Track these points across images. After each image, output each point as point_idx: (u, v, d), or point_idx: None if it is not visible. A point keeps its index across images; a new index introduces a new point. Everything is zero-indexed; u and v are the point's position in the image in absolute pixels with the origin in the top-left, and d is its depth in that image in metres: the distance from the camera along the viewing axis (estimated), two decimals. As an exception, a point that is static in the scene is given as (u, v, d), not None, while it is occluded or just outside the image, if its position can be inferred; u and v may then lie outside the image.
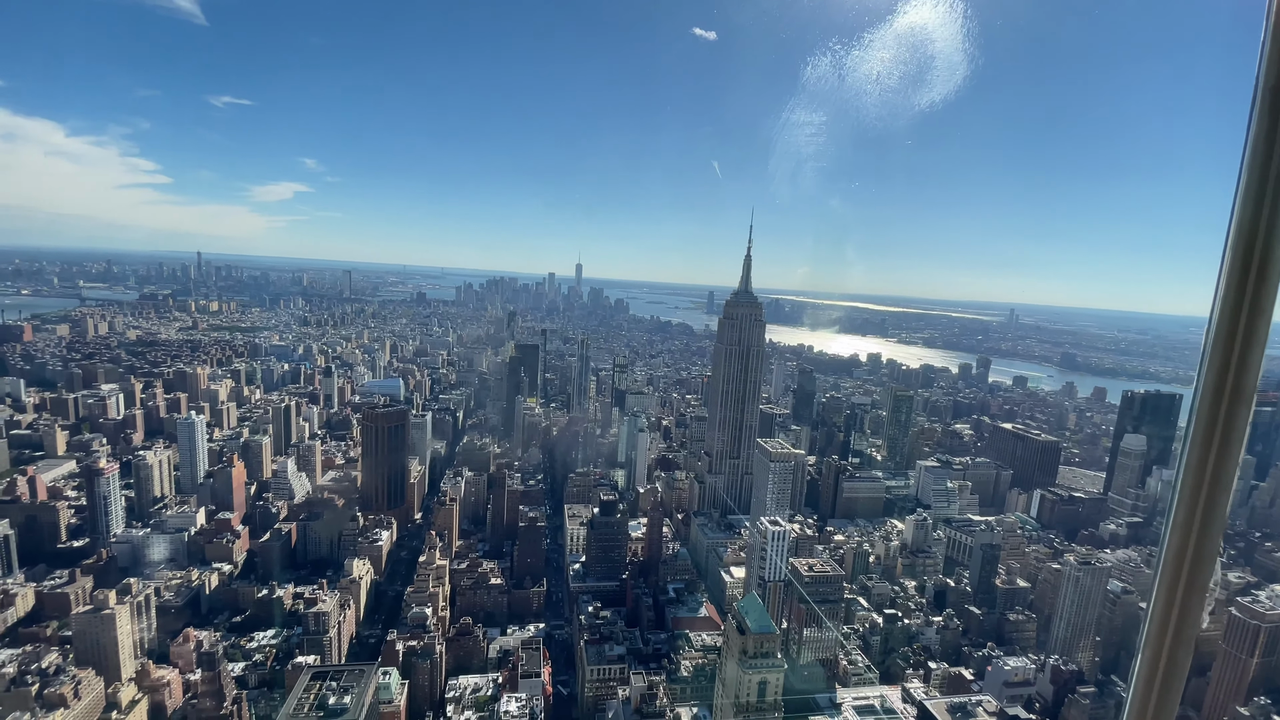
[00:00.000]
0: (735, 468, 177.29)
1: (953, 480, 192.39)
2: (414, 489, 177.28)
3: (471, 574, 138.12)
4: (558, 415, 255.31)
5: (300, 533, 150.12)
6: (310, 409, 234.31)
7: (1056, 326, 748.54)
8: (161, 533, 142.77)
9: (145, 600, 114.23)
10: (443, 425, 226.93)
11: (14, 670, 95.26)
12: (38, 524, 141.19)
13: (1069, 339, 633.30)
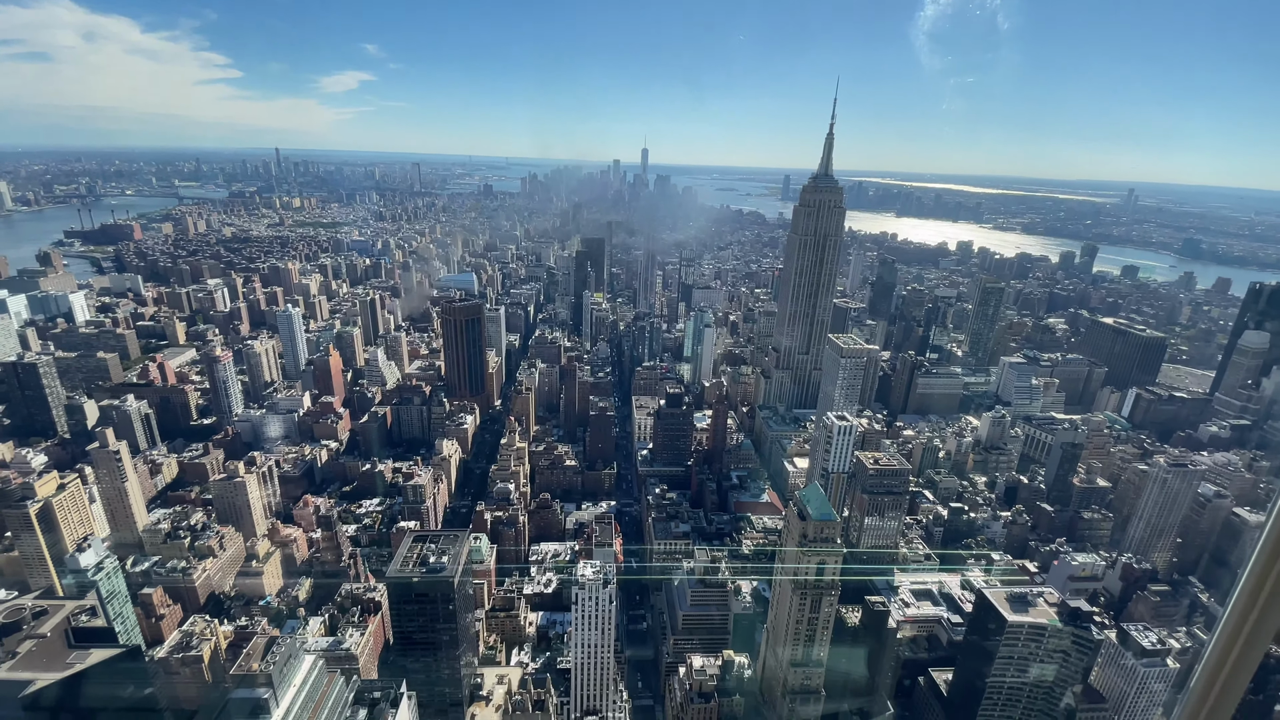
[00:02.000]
0: (804, 364, 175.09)
1: (1038, 377, 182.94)
2: (492, 379, 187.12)
3: (548, 456, 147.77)
4: (624, 310, 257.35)
5: (395, 415, 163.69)
6: (393, 302, 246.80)
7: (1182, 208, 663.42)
8: (275, 413, 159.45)
9: (268, 470, 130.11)
10: (515, 319, 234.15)
11: (169, 526, 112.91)
12: (171, 404, 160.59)
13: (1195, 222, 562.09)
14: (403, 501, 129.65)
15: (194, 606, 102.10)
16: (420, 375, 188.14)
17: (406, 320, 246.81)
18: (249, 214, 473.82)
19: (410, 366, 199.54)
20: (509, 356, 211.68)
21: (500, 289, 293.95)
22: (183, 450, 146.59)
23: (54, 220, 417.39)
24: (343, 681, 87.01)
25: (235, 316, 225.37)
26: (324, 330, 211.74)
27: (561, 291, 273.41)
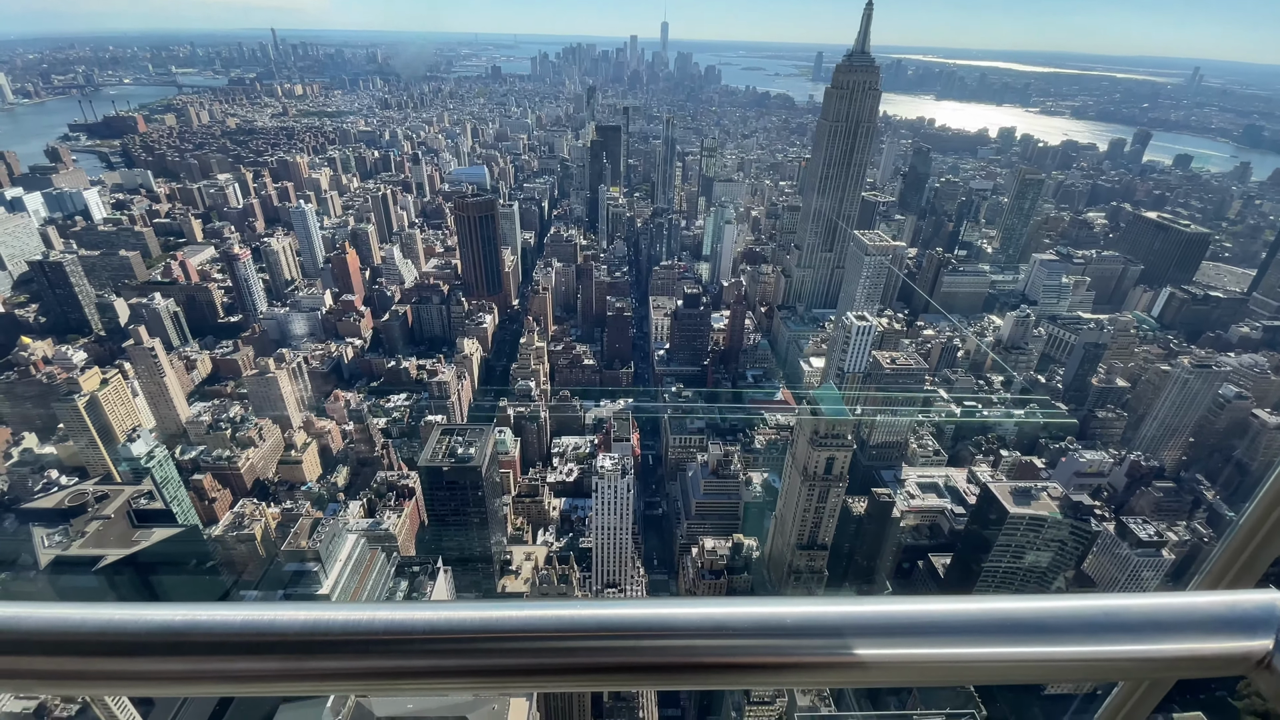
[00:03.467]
0: (827, 261, 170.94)
1: (1069, 275, 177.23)
2: (509, 278, 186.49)
3: (567, 355, 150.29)
4: (641, 206, 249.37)
5: (415, 314, 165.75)
6: (405, 198, 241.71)
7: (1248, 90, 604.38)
8: (299, 311, 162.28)
9: (298, 366, 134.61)
10: (529, 215, 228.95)
11: (210, 418, 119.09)
12: (197, 303, 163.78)
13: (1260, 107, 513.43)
14: (429, 397, 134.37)
15: (241, 491, 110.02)
16: (437, 274, 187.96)
17: (420, 217, 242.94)
18: (251, 103, 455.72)
19: (427, 265, 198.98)
20: (525, 255, 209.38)
21: (513, 183, 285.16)
22: (214, 347, 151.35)
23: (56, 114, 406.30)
24: (384, 557, 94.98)
25: (249, 213, 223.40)
26: (338, 227, 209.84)
27: (576, 186, 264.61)
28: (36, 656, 1.07)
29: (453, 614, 1.23)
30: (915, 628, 1.70)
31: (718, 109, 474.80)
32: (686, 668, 1.41)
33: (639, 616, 1.35)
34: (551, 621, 1.27)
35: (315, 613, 1.18)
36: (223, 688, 1.12)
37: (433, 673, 1.17)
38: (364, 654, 1.13)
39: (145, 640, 1.08)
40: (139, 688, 1.09)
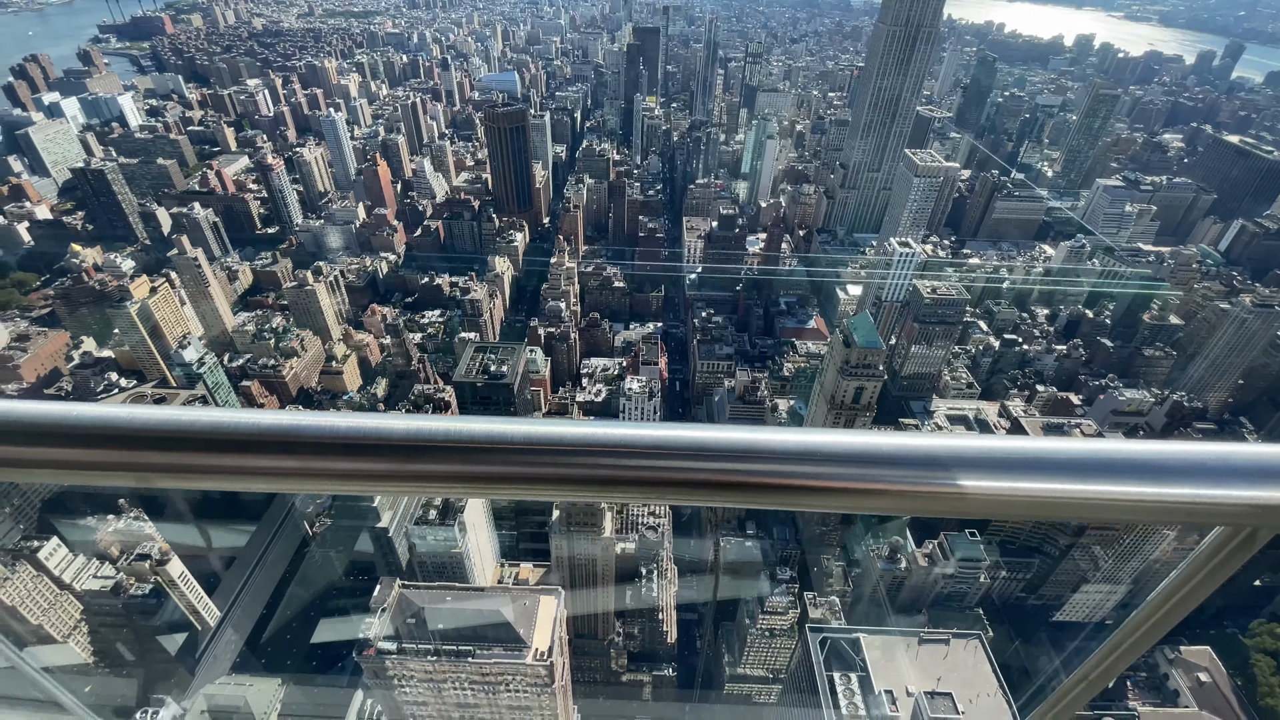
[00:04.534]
0: (873, 182, 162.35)
1: (1134, 204, 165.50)
2: (540, 194, 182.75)
3: (597, 276, 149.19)
4: (679, 118, 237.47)
5: (446, 230, 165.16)
6: (435, 106, 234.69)
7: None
8: (333, 224, 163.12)
9: (335, 280, 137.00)
10: (561, 127, 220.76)
11: (254, 329, 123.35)
12: (235, 213, 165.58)
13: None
14: (462, 314, 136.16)
15: (287, 398, 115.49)
16: (468, 189, 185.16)
17: (450, 127, 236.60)
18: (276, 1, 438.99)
19: (458, 179, 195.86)
20: (556, 170, 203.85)
21: (544, 91, 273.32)
22: (253, 259, 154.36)
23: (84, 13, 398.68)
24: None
25: (280, 122, 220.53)
26: (369, 137, 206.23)
27: (611, 95, 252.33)
28: (156, 451, 1.15)
29: (550, 429, 1.25)
30: (1020, 463, 1.67)
31: (765, 9, 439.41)
32: (782, 489, 1.45)
33: (736, 440, 1.38)
34: (651, 440, 1.29)
35: (417, 423, 1.24)
36: (331, 485, 1.20)
37: (530, 479, 1.23)
38: (464, 459, 1.18)
39: (255, 439, 1.16)
40: (252, 482, 1.18)
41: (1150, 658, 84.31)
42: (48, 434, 1.16)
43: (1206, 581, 2.13)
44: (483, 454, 1.19)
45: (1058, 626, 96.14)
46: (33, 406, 1.22)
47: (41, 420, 1.17)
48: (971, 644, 75.32)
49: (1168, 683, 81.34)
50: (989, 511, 1.77)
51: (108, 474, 1.17)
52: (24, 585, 66.31)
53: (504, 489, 1.25)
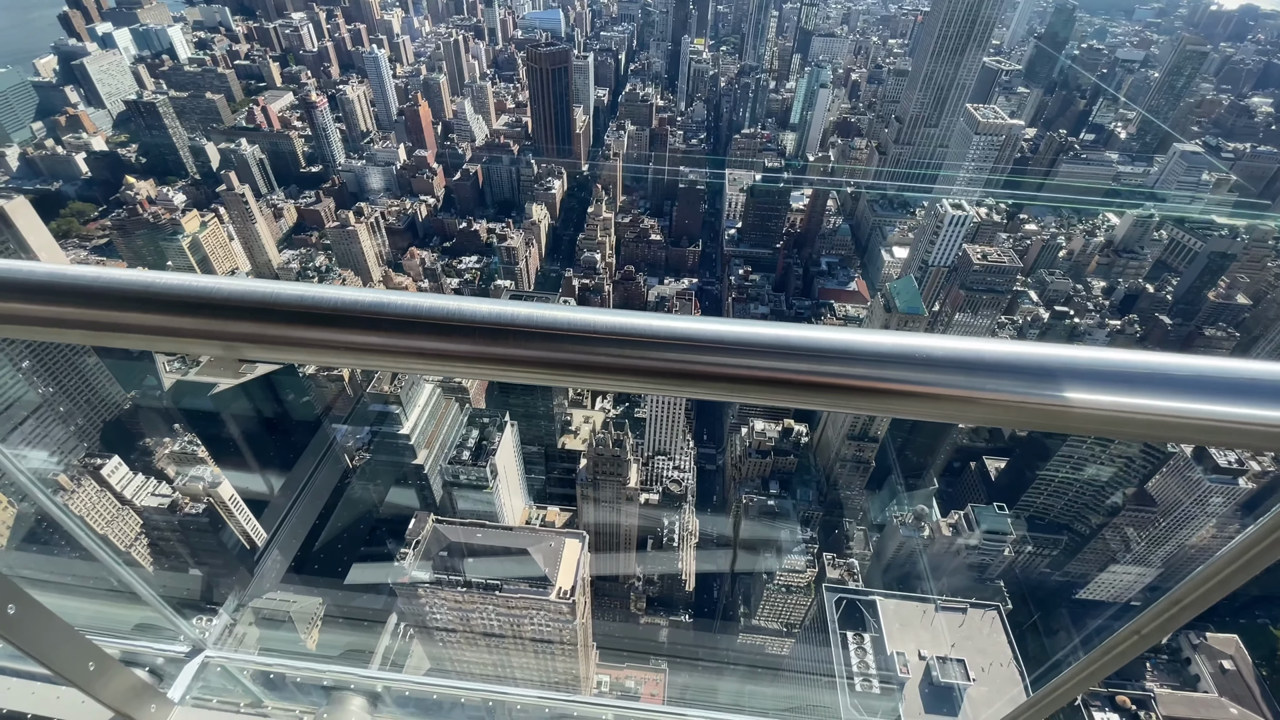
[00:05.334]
0: (929, 138, 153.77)
1: (1212, 172, 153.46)
2: (580, 139, 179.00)
3: (634, 228, 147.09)
4: (728, 62, 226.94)
5: (485, 174, 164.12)
6: (477, 45, 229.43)
7: None
8: (374, 164, 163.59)
9: (376, 221, 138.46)
10: (604, 70, 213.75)
11: (298, 266, 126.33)
12: (280, 151, 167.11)
13: None
14: (498, 261, 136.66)
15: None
16: (508, 132, 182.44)
17: (491, 68, 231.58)
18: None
19: (498, 121, 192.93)
20: (597, 115, 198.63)
21: (589, 31, 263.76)
22: (297, 197, 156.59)
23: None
24: (457, 407, 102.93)
25: (324, 57, 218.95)
26: (410, 76, 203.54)
27: (658, 36, 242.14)
28: (244, 322, 1.16)
29: (637, 321, 1.23)
30: (1138, 378, 1.48)
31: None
32: (876, 392, 1.36)
33: (830, 340, 1.30)
34: (738, 337, 1.23)
35: (500, 306, 1.21)
36: (413, 363, 1.19)
37: (614, 370, 1.20)
38: (548, 345, 1.17)
39: (342, 313, 1.16)
40: (337, 356, 1.18)
41: (1174, 641, 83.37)
42: (145, 300, 1.18)
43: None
44: (567, 341, 1.16)
45: (1080, 605, 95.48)
46: (130, 274, 1.24)
47: (138, 287, 1.20)
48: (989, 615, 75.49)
49: (1189, 667, 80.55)
50: (1097, 428, 1.61)
51: (199, 341, 1.19)
52: (89, 499, 71.57)
53: (584, 377, 1.22)
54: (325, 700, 3.96)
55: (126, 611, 4.06)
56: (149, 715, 3.37)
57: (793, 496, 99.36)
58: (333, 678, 3.95)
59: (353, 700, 3.86)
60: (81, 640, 2.88)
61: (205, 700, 3.62)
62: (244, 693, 4.02)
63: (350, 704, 3.85)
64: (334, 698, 3.92)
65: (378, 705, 3.96)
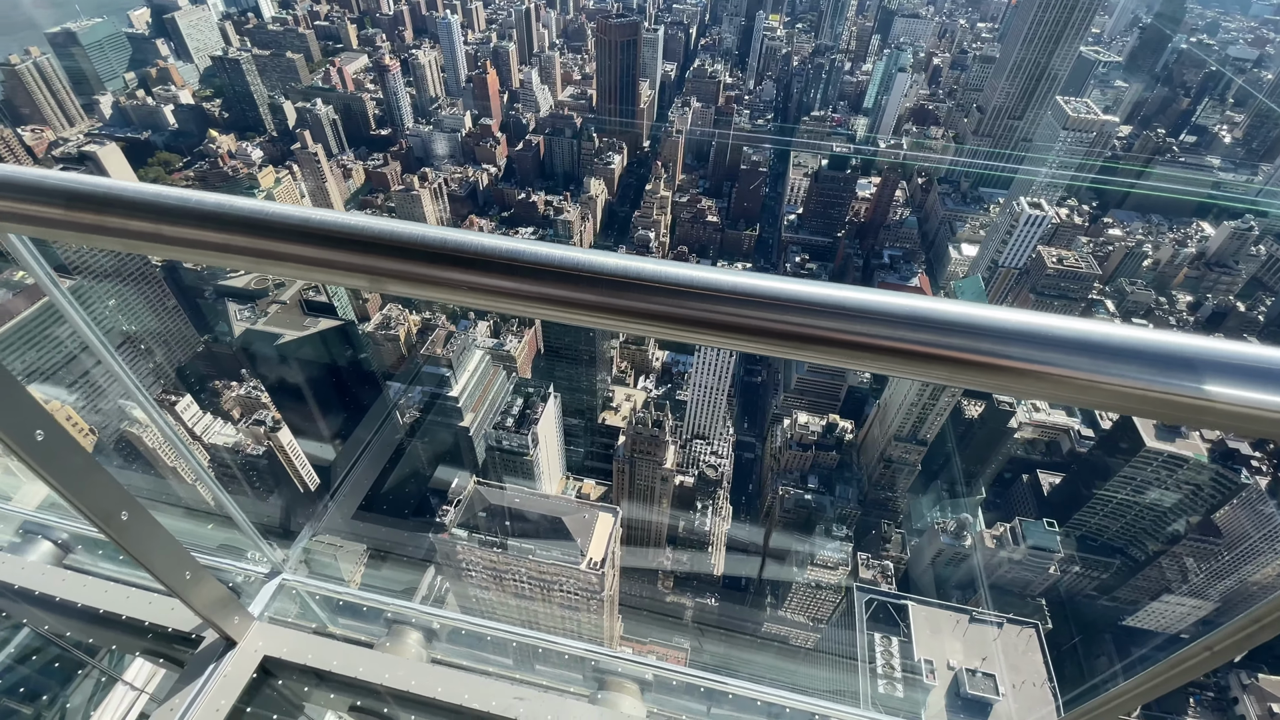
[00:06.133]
0: (1012, 131, 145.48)
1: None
2: (643, 114, 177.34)
3: (691, 208, 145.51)
4: (802, 40, 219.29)
5: (547, 146, 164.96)
6: (548, 14, 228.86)
7: None
8: (440, 130, 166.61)
9: (439, 187, 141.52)
10: (673, 44, 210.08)
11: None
12: (352, 112, 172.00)
13: None
14: (554, 234, 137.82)
15: (388, 296, 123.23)
16: (573, 104, 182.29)
17: (560, 37, 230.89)
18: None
19: (563, 93, 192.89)
20: (662, 90, 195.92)
21: (661, 3, 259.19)
22: (366, 158, 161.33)
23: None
24: (504, 375, 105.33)
25: (399, 21, 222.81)
26: (481, 43, 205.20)
27: (731, 11, 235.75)
28: (390, 259, 1.23)
29: (726, 277, 1.23)
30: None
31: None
32: (990, 368, 1.24)
33: (952, 313, 1.20)
34: (856, 304, 1.20)
35: (625, 261, 1.25)
36: (543, 309, 1.25)
37: (700, 322, 1.21)
38: (676, 301, 1.18)
39: (480, 258, 1.22)
40: (474, 297, 1.24)
41: (1222, 678, 79.15)
42: (303, 233, 1.25)
43: None
44: (690, 298, 1.16)
45: (1126, 632, 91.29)
46: (290, 209, 1.30)
47: (297, 221, 1.26)
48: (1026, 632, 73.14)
49: (1235, 707, 76.38)
50: (1236, 426, 1.46)
51: (348, 274, 1.25)
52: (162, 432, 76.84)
53: (705, 334, 1.22)
54: (386, 631, 4.21)
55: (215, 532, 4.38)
56: (232, 626, 3.66)
57: (831, 493, 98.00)
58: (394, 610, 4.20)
59: (410, 633, 4.10)
60: (181, 550, 3.14)
61: (280, 618, 3.91)
62: (313, 616, 4.32)
63: (408, 636, 4.09)
64: (394, 629, 4.17)
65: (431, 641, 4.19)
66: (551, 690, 3.63)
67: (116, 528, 2.77)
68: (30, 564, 4.44)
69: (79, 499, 2.60)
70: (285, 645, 3.71)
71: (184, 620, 3.87)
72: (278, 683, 3.82)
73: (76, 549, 4.98)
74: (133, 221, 1.29)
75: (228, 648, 3.71)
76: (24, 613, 4.31)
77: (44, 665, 4.89)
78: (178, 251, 1.30)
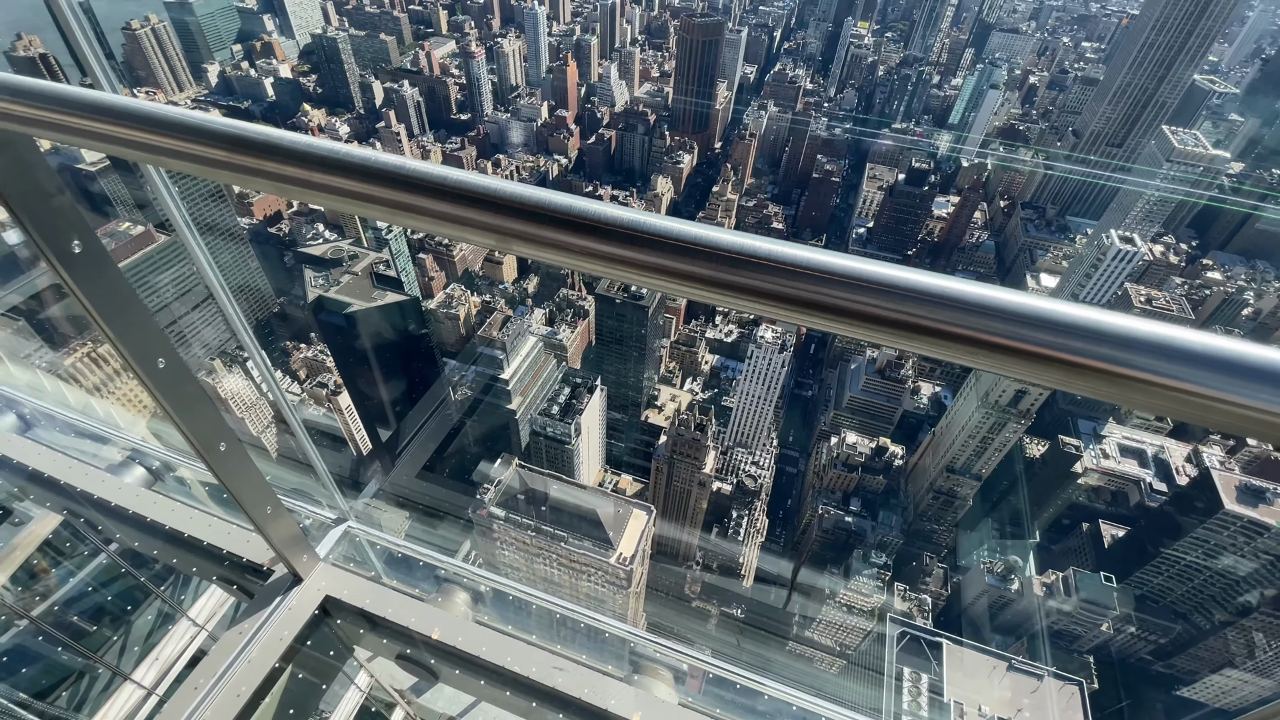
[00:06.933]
0: (1110, 158, 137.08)
1: None
2: (718, 115, 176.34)
3: (756, 214, 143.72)
4: (890, 50, 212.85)
5: (618, 141, 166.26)
6: (633, 10, 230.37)
7: None
8: (517, 119, 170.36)
9: (511, 174, 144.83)
10: (755, 46, 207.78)
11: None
12: (436, 95, 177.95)
13: None
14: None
15: (453, 276, 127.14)
16: (648, 101, 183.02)
17: (643, 33, 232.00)
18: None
19: (639, 89, 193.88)
20: (740, 91, 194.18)
21: (747, 4, 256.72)
22: (445, 141, 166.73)
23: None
24: (554, 363, 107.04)
25: (488, 9, 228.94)
26: (564, 35, 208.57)
27: (819, 16, 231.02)
28: (518, 220, 1.30)
29: (794, 251, 1.22)
30: None
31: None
32: (1122, 379, 1.13)
33: (1087, 320, 1.11)
34: (1007, 307, 1.13)
35: (741, 239, 1.26)
36: (658, 280, 1.29)
37: (752, 291, 1.23)
38: (785, 280, 1.19)
39: (602, 225, 1.28)
40: (591, 262, 1.30)
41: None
42: (440, 190, 1.31)
43: None
44: (801, 279, 1.19)
45: (1179, 703, 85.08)
46: (429, 166, 1.37)
47: (435, 178, 1.32)
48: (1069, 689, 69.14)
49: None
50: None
51: (480, 233, 1.32)
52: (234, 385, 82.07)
53: (785, 310, 1.23)
54: (436, 588, 4.41)
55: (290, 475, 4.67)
56: (301, 564, 3.91)
57: (874, 518, 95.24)
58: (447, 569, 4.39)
59: (459, 593, 4.27)
60: (266, 487, 3.38)
61: (343, 564, 4.15)
62: (370, 565, 4.56)
63: (456, 595, 4.26)
64: (444, 587, 4.36)
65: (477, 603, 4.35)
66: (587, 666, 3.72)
67: (215, 458, 3.01)
68: (127, 485, 4.86)
69: (187, 426, 2.82)
70: (345, 588, 3.94)
71: (257, 553, 4.15)
72: (335, 622, 4.06)
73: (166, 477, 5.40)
74: (287, 168, 1.38)
75: (294, 583, 3.97)
76: (119, 529, 4.72)
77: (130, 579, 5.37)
78: (324, 198, 1.39)
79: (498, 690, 3.79)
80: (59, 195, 2.08)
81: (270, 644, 3.78)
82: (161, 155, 1.51)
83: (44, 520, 5.94)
